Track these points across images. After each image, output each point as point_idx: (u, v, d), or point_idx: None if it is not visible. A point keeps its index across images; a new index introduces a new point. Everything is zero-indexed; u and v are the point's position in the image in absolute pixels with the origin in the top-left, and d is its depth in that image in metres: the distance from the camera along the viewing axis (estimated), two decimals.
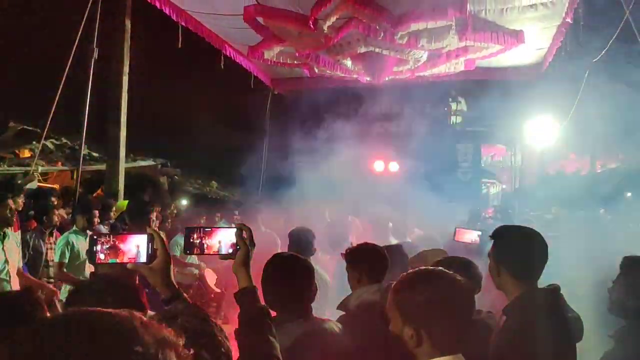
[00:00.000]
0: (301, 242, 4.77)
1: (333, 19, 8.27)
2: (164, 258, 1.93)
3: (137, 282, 2.77)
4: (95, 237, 1.91)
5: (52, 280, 6.48)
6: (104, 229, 7.23)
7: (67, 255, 6.38)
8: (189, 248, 2.05)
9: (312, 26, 8.39)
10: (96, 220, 6.79)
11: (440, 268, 1.98)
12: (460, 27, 8.52)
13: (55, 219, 6.85)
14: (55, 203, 7.30)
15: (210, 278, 8.64)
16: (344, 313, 3.29)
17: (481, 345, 2.55)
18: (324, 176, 8.54)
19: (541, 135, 13.31)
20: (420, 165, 12.64)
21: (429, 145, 13.03)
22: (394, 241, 5.83)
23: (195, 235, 2.04)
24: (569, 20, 8.28)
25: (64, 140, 17.79)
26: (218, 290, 8.57)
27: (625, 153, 15.37)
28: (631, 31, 6.76)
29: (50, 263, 6.60)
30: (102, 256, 1.90)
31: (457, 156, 13.80)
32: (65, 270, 6.37)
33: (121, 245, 1.91)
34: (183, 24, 9.06)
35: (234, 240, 2.05)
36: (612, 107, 10.99)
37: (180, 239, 7.84)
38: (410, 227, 7.40)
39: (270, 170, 12.30)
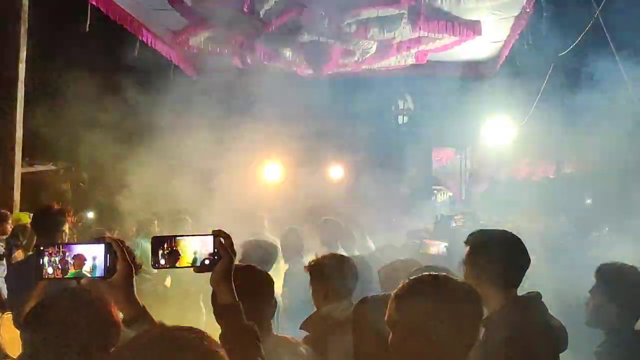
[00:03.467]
0: (257, 253, 4.84)
1: (272, 1, 8.32)
2: (126, 271, 1.92)
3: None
4: (42, 248, 1.88)
5: None
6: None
7: None
8: (157, 262, 2.00)
9: (246, 9, 8.41)
10: None
11: (445, 274, 2.07)
12: (413, 15, 8.80)
13: None
14: None
15: None
16: (308, 333, 3.33)
17: None
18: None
19: (496, 137, 13.82)
20: (362, 169, 12.79)
21: (373, 148, 13.23)
22: (356, 253, 5.99)
23: (165, 246, 2.00)
24: (528, 10, 8.72)
25: None
26: None
27: (582, 157, 16.14)
28: (600, 26, 7.19)
29: None
30: (50, 270, 1.86)
31: (405, 160, 14.06)
32: None
33: (73, 258, 1.88)
34: (94, 2, 8.82)
35: (212, 250, 2.04)
36: (571, 108, 11.57)
37: None
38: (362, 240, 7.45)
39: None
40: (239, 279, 2.04)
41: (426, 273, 2.09)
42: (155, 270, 6.24)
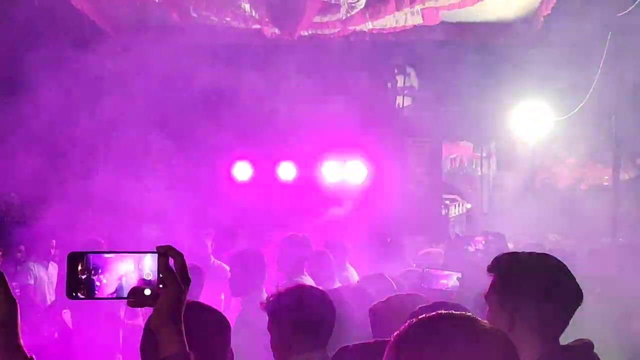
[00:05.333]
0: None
1: None
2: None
3: None
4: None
5: None
6: None
7: None
8: (74, 290, 1.97)
9: None
10: None
11: (469, 314, 2.00)
12: None
13: None
14: None
15: None
16: None
17: None
18: None
19: (531, 129, 13.89)
20: (346, 170, 12.72)
21: (361, 140, 13.07)
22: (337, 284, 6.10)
23: (80, 267, 1.97)
24: None
25: None
26: None
27: None
28: None
29: None
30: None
31: (407, 158, 13.96)
32: None
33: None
34: None
35: (154, 275, 2.00)
36: (634, 91, 11.63)
37: None
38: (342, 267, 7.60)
39: None
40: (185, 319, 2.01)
41: (443, 312, 2.01)
42: None
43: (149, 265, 2.00)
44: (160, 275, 1.99)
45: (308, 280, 6.52)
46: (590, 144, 15.72)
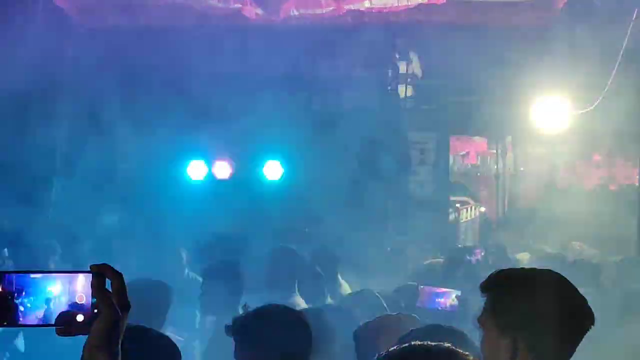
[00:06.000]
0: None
1: None
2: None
3: None
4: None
5: None
6: None
7: None
8: None
9: None
10: None
11: (448, 347, 2.02)
12: None
13: None
14: None
15: None
16: None
17: None
18: None
19: (553, 122, 13.91)
20: (339, 169, 12.72)
21: (357, 135, 13.04)
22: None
23: (1, 289, 1.90)
24: None
25: None
26: None
27: None
28: None
29: None
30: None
31: (408, 154, 13.99)
32: None
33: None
34: None
35: (88, 298, 1.93)
36: None
37: None
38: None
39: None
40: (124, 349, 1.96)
41: (418, 343, 2.06)
42: None
43: (81, 286, 1.95)
44: (95, 299, 1.93)
45: (299, 299, 6.55)
46: (618, 139, 15.66)
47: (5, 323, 1.90)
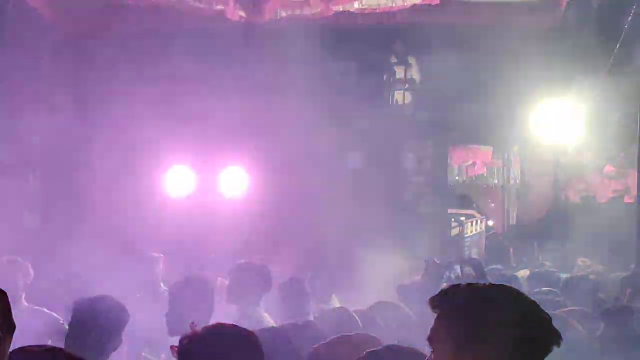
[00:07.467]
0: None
1: None
2: None
3: None
4: None
5: None
6: None
7: None
8: None
9: None
10: None
11: None
12: None
13: None
14: None
15: None
16: None
17: None
18: None
19: (562, 129, 13.98)
20: (330, 179, 12.67)
21: (350, 144, 13.32)
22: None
23: None
24: None
25: None
26: None
27: None
28: None
29: None
30: None
31: (404, 165, 13.99)
32: None
33: None
34: None
35: None
36: None
37: None
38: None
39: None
40: None
41: None
42: None
43: None
44: None
45: (262, 314, 6.72)
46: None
47: None
